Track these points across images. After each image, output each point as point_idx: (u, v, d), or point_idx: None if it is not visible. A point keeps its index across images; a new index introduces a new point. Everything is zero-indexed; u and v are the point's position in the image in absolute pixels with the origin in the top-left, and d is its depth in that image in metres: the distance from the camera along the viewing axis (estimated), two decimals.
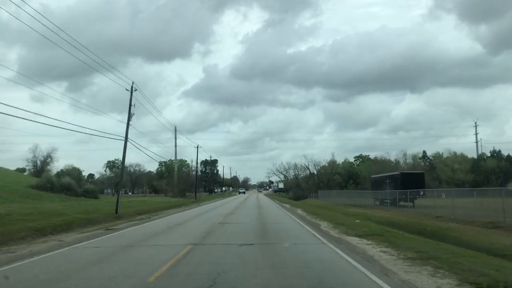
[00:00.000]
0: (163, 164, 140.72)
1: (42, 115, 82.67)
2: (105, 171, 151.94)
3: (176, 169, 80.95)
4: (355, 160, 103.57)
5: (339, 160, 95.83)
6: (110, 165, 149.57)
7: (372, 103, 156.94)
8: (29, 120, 22.38)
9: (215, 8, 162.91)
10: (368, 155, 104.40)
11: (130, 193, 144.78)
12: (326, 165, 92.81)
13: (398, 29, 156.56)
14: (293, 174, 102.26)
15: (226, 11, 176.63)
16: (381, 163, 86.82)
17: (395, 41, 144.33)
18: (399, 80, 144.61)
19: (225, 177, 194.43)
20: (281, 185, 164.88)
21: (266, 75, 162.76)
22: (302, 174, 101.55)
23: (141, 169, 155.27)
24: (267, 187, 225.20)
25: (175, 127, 76.11)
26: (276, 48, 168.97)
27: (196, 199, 73.37)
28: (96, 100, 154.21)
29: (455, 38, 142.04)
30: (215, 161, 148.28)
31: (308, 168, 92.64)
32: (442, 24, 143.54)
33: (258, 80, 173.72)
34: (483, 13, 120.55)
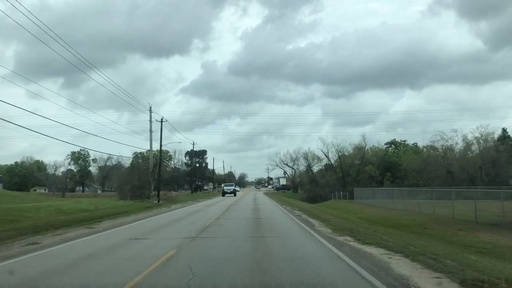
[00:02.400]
0: (139, 155, 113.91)
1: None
2: (69, 164, 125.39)
3: (153, 161, 54.25)
4: (387, 147, 76.72)
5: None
6: (75, 156, 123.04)
7: (371, 99, 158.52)
8: None
9: (214, 3, 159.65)
10: (405, 141, 77.89)
11: (88, 190, 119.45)
12: (351, 151, 66.20)
13: (398, 25, 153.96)
14: (304, 165, 75.65)
15: (225, 6, 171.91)
16: (431, 154, 60.51)
17: (395, 38, 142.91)
18: (399, 76, 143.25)
19: (218, 172, 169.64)
20: (282, 181, 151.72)
21: (265, 71, 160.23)
22: (315, 165, 75.14)
23: (117, 162, 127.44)
24: (266, 184, 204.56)
25: (150, 107, 52.18)
26: (275, 44, 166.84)
27: (158, 201, 46.85)
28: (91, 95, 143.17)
29: (455, 35, 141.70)
30: (203, 152, 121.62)
31: (327, 156, 66.04)
32: (442, 21, 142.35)
33: (257, 76, 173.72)
34: (483, 9, 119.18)
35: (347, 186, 61.54)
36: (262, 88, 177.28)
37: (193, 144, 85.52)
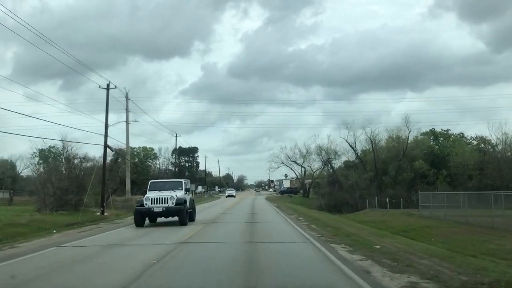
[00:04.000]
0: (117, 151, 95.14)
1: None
2: (38, 163, 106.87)
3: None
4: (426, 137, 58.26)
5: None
6: (44, 154, 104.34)
7: (372, 101, 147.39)
8: None
9: (215, 5, 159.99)
10: (447, 130, 59.81)
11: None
12: (387, 137, 48.13)
13: (398, 27, 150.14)
14: (318, 161, 57.40)
15: (226, 8, 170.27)
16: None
17: (396, 40, 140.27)
18: (400, 78, 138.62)
19: (214, 173, 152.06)
20: (285, 183, 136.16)
21: (265, 73, 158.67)
22: (334, 161, 56.91)
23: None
24: (266, 187, 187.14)
25: (127, 93, 41.75)
26: (276, 46, 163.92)
27: (103, 213, 29.21)
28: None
29: (456, 37, 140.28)
30: (194, 150, 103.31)
31: (353, 148, 47.89)
32: (443, 23, 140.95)
33: (258, 78, 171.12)
34: (484, 11, 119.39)
35: (383, 188, 43.52)
36: (263, 90, 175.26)
37: (176, 136, 67.44)
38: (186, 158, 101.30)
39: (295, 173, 73.29)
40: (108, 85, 31.82)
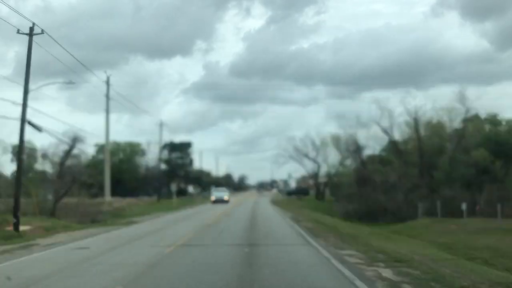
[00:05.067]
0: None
1: None
2: (12, 161, 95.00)
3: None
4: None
5: None
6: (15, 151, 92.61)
7: (376, 100, 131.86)
8: None
9: (217, 4, 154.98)
10: None
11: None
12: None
13: (402, 26, 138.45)
14: (337, 155, 45.06)
15: (228, 7, 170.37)
16: None
17: (399, 38, 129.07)
18: (403, 77, 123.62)
19: (211, 172, 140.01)
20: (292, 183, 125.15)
21: (268, 72, 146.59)
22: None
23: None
24: (269, 187, 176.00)
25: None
26: (278, 45, 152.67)
27: (17, 229, 17.16)
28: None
29: (460, 35, 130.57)
30: (187, 146, 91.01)
31: (388, 133, 35.67)
32: (446, 21, 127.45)
33: (260, 77, 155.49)
34: (488, 9, 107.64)
35: (435, 188, 31.36)
36: (265, 89, 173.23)
37: (161, 126, 55.15)
38: (179, 155, 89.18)
39: (305, 170, 60.74)
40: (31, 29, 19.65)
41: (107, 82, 48.11)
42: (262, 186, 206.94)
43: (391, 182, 31.63)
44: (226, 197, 46.01)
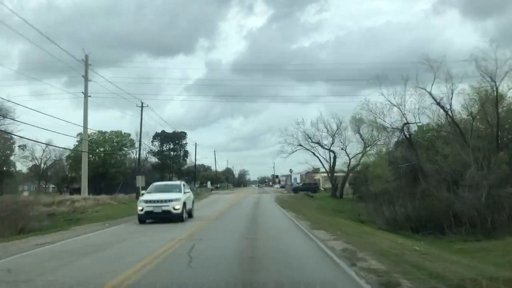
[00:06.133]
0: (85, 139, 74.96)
1: None
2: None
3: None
4: None
5: None
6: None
7: (375, 98, 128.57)
8: None
9: (220, 2, 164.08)
10: None
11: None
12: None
13: (402, 24, 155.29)
14: (360, 142, 34.81)
15: (231, 5, 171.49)
16: None
17: (399, 36, 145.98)
18: (404, 75, 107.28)
19: (209, 165, 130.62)
20: (294, 177, 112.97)
21: (269, 70, 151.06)
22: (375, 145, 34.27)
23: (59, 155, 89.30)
24: (271, 183, 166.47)
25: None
26: (280, 44, 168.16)
27: None
28: None
29: (461, 33, 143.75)
30: (181, 136, 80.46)
31: (446, 111, 25.15)
32: (447, 19, 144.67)
33: (262, 75, 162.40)
34: (489, 7, 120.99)
35: None
36: (266, 86, 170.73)
37: (142, 106, 44.77)
38: (171, 146, 78.72)
39: (319, 159, 50.06)
40: None
41: (85, 61, 39.43)
42: (263, 182, 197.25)
43: (461, 174, 21.30)
44: (176, 206, 17.00)
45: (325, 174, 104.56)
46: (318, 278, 7.06)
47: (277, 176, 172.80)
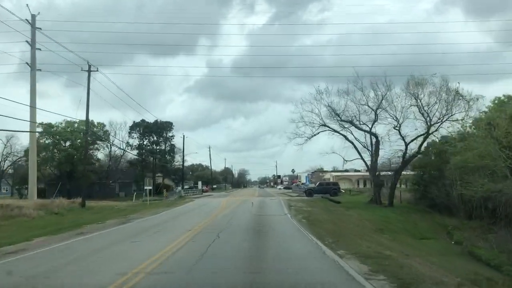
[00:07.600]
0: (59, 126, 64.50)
1: None
2: None
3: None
4: None
5: None
6: None
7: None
8: None
9: (221, 2, 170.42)
10: None
11: None
12: None
13: (406, 22, 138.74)
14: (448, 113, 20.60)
15: (232, 5, 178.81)
16: None
17: (403, 35, 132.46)
18: (406, 74, 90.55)
19: (207, 165, 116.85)
20: (303, 178, 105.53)
21: (270, 70, 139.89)
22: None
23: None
24: (272, 183, 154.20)
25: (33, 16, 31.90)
26: (281, 43, 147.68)
27: None
28: None
29: (464, 32, 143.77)
30: (167, 126, 65.78)
31: None
32: (450, 18, 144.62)
33: (264, 75, 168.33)
34: (492, 6, 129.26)
35: None
36: (267, 86, 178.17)
37: (89, 70, 30.46)
38: (154, 139, 64.07)
39: (354, 146, 32.84)
40: None
41: (32, 23, 31.69)
42: (264, 182, 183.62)
43: None
44: None
45: (336, 173, 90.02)
46: None
47: (279, 176, 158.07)
